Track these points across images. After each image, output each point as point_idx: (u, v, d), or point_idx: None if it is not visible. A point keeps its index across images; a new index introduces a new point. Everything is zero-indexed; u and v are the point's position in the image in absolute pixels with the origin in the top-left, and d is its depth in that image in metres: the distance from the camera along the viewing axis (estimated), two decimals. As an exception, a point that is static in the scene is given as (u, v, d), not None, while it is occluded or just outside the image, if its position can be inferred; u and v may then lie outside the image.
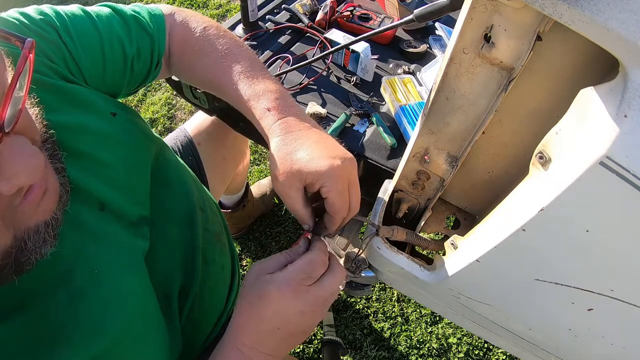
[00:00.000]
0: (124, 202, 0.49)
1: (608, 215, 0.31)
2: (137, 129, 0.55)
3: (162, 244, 0.55)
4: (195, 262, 0.60)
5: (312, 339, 1.26)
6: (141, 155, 0.55)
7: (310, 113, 0.79)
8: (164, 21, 0.58)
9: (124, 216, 0.49)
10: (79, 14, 0.52)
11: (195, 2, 2.46)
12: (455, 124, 0.50)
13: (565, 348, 0.51)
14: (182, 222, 0.60)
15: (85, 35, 0.50)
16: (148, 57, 0.57)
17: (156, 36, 0.56)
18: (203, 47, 0.56)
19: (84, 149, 0.46)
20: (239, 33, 0.95)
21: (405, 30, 1.02)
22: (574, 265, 0.37)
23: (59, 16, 0.49)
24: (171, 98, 1.96)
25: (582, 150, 0.29)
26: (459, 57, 0.42)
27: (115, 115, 0.51)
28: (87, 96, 0.48)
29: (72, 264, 0.42)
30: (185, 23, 0.58)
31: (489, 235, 0.40)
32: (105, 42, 0.52)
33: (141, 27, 0.55)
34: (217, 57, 0.55)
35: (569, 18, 0.27)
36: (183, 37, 0.57)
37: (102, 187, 0.47)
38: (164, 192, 0.59)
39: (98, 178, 0.47)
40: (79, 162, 0.45)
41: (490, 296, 0.49)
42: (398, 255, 0.55)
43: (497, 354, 1.20)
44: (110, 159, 0.49)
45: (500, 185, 0.59)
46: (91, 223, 0.45)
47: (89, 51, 0.50)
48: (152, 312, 0.49)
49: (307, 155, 0.44)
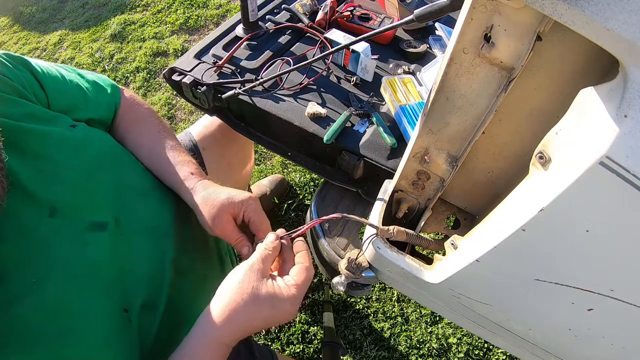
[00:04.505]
0: (79, 206, 0.49)
1: (608, 216, 0.31)
2: (100, 137, 0.59)
3: (125, 254, 0.53)
4: (165, 274, 0.57)
5: (312, 339, 1.26)
6: (103, 161, 0.55)
7: (310, 113, 0.79)
8: (118, 87, 0.70)
9: (76, 222, 0.48)
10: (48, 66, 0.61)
11: (195, 2, 2.46)
12: (455, 124, 0.50)
13: (565, 348, 0.51)
14: (155, 233, 0.58)
15: (51, 73, 0.59)
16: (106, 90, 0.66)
17: (112, 89, 0.67)
18: (144, 118, 0.68)
19: (44, 151, 0.49)
20: (239, 33, 0.95)
21: (405, 30, 1.02)
22: (574, 265, 0.37)
23: (28, 62, 0.58)
24: (171, 98, 1.96)
25: (582, 150, 0.29)
26: (459, 57, 0.42)
27: (75, 127, 0.56)
28: (48, 113, 0.55)
29: (9, 270, 0.42)
30: (132, 97, 0.70)
31: (489, 235, 0.40)
32: (65, 77, 0.61)
33: (98, 83, 0.66)
34: (156, 129, 0.67)
35: (569, 18, 0.27)
36: (130, 103, 0.69)
37: (57, 189, 0.48)
38: (140, 201, 0.58)
39: (54, 179, 0.48)
40: (35, 163, 0.47)
41: (490, 296, 0.49)
42: (398, 255, 0.55)
43: (497, 354, 1.20)
44: (69, 161, 0.50)
45: (500, 185, 0.59)
46: (38, 230, 0.45)
47: (54, 82, 0.59)
48: (98, 327, 0.47)
49: (226, 196, 0.58)
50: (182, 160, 0.63)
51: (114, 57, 2.23)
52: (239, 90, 0.80)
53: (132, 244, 0.54)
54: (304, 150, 0.85)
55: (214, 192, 0.59)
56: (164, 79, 0.96)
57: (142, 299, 0.54)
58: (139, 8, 2.53)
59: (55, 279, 0.45)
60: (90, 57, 2.26)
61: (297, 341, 1.26)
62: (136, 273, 0.54)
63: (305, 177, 1.59)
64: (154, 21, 2.40)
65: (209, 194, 0.59)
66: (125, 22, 2.43)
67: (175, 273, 0.59)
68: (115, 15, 2.52)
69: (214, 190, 0.60)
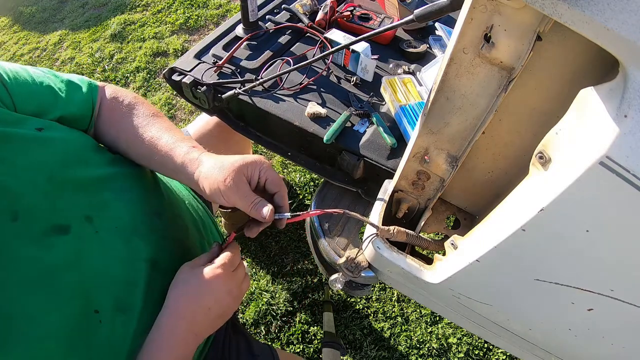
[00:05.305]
0: (40, 210, 0.49)
1: (608, 216, 0.31)
2: (68, 137, 0.56)
3: (93, 254, 0.52)
4: (138, 274, 0.56)
5: (312, 339, 1.26)
6: (69, 161, 0.54)
7: (310, 113, 0.79)
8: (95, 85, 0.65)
9: (36, 226, 0.48)
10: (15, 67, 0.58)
11: (195, 2, 2.46)
12: (455, 124, 0.50)
13: (565, 348, 0.51)
14: (125, 231, 0.57)
15: (18, 76, 0.57)
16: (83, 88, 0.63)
17: (87, 86, 0.63)
18: (129, 110, 0.65)
19: (4, 155, 0.48)
20: (239, 33, 0.95)
21: (405, 30, 1.02)
22: (574, 265, 0.37)
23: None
24: (171, 98, 1.96)
25: (582, 150, 0.29)
26: (459, 57, 0.42)
27: (41, 130, 0.53)
28: (13, 115, 0.52)
29: None
30: (115, 92, 0.66)
31: (489, 236, 0.40)
32: (35, 79, 0.58)
33: (72, 82, 0.63)
34: (145, 116, 0.64)
35: (569, 18, 0.27)
36: (112, 99, 0.65)
37: (17, 194, 0.47)
38: (110, 198, 0.57)
39: (15, 183, 0.47)
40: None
41: (490, 296, 0.49)
42: (398, 255, 0.55)
43: (497, 354, 1.20)
44: (30, 164, 0.49)
45: (500, 185, 0.59)
46: (1, 235, 0.45)
47: (21, 85, 0.56)
48: (61, 330, 0.46)
49: (239, 158, 0.55)
50: (181, 138, 0.61)
51: (114, 57, 2.23)
52: (239, 90, 0.80)
53: (102, 244, 0.53)
54: (304, 150, 0.85)
55: (223, 158, 0.56)
56: (164, 79, 0.96)
57: (113, 300, 0.53)
58: (139, 8, 2.53)
59: (16, 284, 0.45)
60: (90, 57, 2.26)
61: (297, 341, 1.26)
62: (105, 274, 0.53)
63: (305, 177, 1.59)
64: (154, 21, 2.40)
65: (219, 160, 0.56)
66: (125, 22, 2.43)
67: (154, 273, 0.57)
68: (115, 15, 2.52)
69: (222, 157, 0.57)
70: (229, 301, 0.54)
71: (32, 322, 0.45)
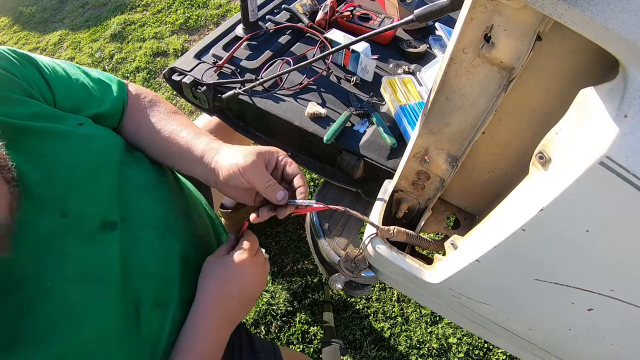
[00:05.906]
0: (89, 205, 0.49)
1: (608, 215, 0.31)
2: (103, 133, 0.58)
3: (133, 251, 0.53)
4: (173, 270, 0.57)
5: (312, 339, 1.26)
6: (106, 157, 0.55)
7: (310, 113, 0.79)
8: (124, 83, 0.67)
9: (86, 222, 0.48)
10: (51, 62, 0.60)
11: (195, 2, 2.46)
12: (455, 124, 0.50)
13: (565, 348, 0.51)
14: (160, 228, 0.58)
15: (57, 72, 0.58)
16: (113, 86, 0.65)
17: (117, 85, 0.65)
18: (151, 107, 0.67)
19: (51, 151, 0.48)
20: (239, 33, 0.95)
21: (405, 30, 1.02)
22: (574, 265, 0.37)
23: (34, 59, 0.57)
24: (171, 98, 1.96)
25: (582, 150, 0.29)
26: (459, 57, 0.42)
27: (82, 125, 0.55)
28: (55, 112, 0.54)
29: (25, 274, 0.42)
30: (137, 90, 0.68)
31: (489, 235, 0.40)
32: (71, 76, 0.60)
33: (103, 81, 0.64)
34: (164, 113, 0.66)
35: (569, 18, 0.27)
36: (135, 97, 0.67)
37: (66, 190, 0.48)
38: (143, 196, 0.58)
39: (63, 180, 0.48)
40: (42, 164, 0.47)
41: (490, 296, 0.49)
42: (398, 255, 0.55)
43: (497, 354, 1.20)
44: (75, 159, 0.50)
45: (500, 185, 0.59)
46: (50, 232, 0.45)
47: (61, 82, 0.57)
48: (110, 326, 0.47)
49: (256, 147, 0.57)
50: (201, 132, 0.63)
51: (114, 57, 2.23)
52: (239, 90, 0.80)
53: (137, 241, 0.54)
54: (304, 150, 0.85)
55: (242, 146, 0.58)
56: (164, 79, 0.96)
57: (152, 296, 0.54)
58: (139, 8, 2.53)
59: (69, 280, 0.45)
60: (90, 57, 2.26)
61: (297, 341, 1.26)
62: (143, 270, 0.54)
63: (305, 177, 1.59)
64: (154, 21, 2.40)
65: (239, 147, 0.58)
66: (125, 22, 2.43)
67: (186, 268, 0.59)
68: (115, 15, 2.52)
69: (241, 146, 0.59)
70: (257, 281, 0.58)
71: (88, 318, 0.45)
